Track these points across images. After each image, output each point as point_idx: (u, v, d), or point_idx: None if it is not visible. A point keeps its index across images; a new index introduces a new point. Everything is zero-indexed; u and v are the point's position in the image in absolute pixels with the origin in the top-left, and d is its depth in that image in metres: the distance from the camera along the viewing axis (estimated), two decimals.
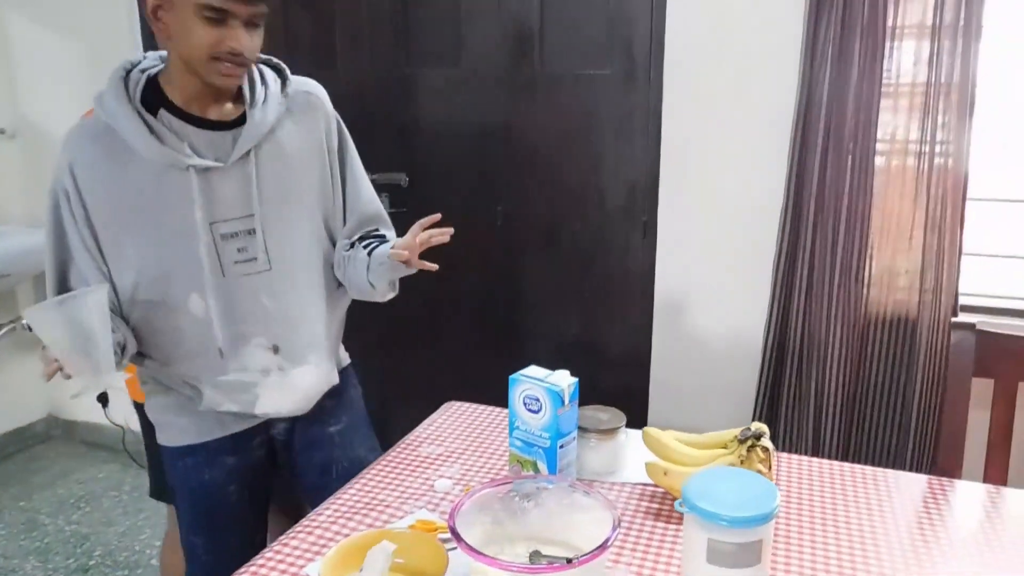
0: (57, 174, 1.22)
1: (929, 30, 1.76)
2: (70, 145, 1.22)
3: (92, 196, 1.20)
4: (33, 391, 3.18)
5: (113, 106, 1.18)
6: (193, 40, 1.12)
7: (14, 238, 2.82)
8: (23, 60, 2.88)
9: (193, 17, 1.11)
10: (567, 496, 0.98)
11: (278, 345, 1.30)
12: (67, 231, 1.22)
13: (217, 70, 1.15)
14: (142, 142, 1.17)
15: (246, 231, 1.25)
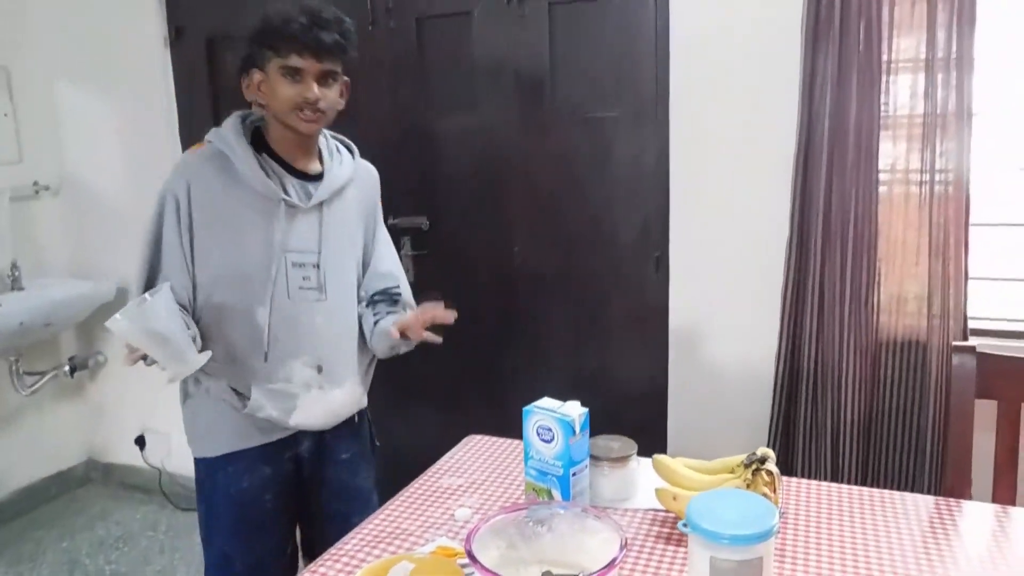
0: (171, 186, 1.43)
1: (923, 63, 1.82)
2: (190, 166, 1.45)
3: (199, 208, 1.42)
4: (73, 436, 3.29)
5: (232, 139, 1.43)
6: (279, 95, 1.39)
7: (57, 289, 2.96)
8: (68, 122, 3.06)
9: (278, 78, 1.38)
10: (578, 521, 1.03)
11: (322, 365, 1.51)
12: (166, 234, 1.42)
13: (300, 118, 1.40)
14: (251, 172, 1.41)
15: (311, 264, 1.48)
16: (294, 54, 1.36)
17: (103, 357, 3.22)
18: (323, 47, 1.37)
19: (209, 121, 2.83)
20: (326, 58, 1.39)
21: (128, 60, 2.88)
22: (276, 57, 1.37)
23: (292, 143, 1.47)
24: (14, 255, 2.89)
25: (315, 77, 1.39)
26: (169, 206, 1.43)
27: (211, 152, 1.44)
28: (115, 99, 2.96)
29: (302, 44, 1.36)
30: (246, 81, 1.43)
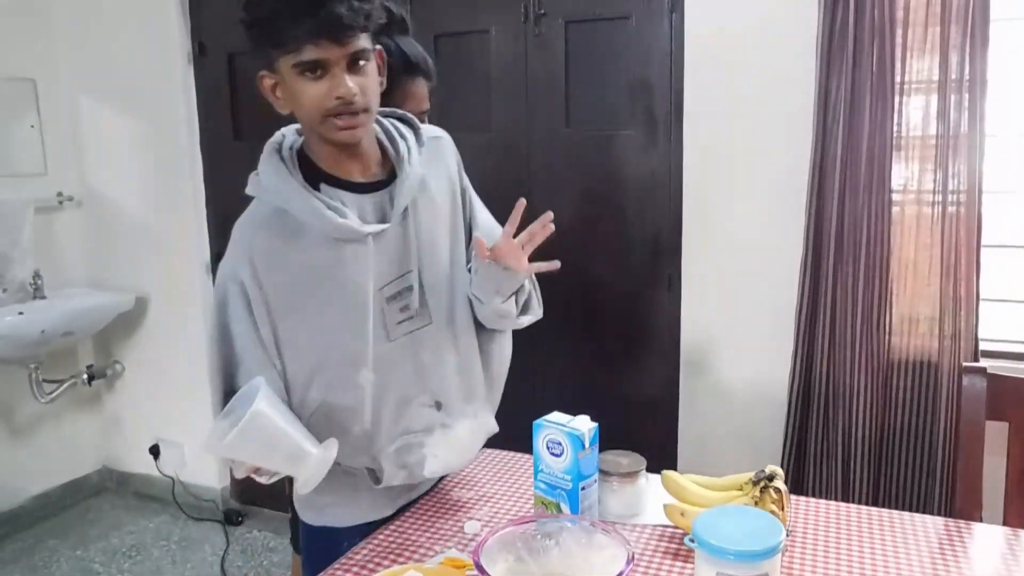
0: (230, 269, 1.16)
1: (937, 85, 1.83)
2: (244, 236, 1.16)
3: (272, 285, 1.14)
4: (89, 444, 3.33)
5: (283, 188, 1.13)
6: (303, 101, 1.08)
7: (78, 299, 3.02)
8: (92, 135, 3.13)
9: (295, 78, 1.07)
10: (586, 535, 1.04)
11: (440, 401, 1.26)
12: (237, 329, 1.16)
13: (334, 126, 1.09)
14: (321, 219, 1.12)
15: (406, 288, 1.21)
16: (307, 44, 1.04)
17: (120, 366, 3.26)
18: (342, 24, 1.03)
19: (230, 137, 2.91)
20: (349, 37, 1.05)
21: (151, 75, 2.95)
22: (284, 53, 1.06)
23: (341, 155, 1.16)
24: (37, 265, 2.95)
25: (343, 66, 1.06)
26: (233, 294, 1.15)
27: (264, 210, 1.16)
28: (138, 113, 3.02)
29: (313, 27, 1.02)
30: (260, 86, 1.15)
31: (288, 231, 1.14)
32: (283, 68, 1.08)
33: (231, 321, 1.16)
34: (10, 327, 2.72)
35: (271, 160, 1.16)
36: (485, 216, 1.36)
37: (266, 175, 1.16)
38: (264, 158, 1.18)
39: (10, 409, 3.03)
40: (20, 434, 3.07)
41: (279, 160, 1.16)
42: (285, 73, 1.08)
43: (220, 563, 2.76)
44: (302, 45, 1.04)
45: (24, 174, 2.99)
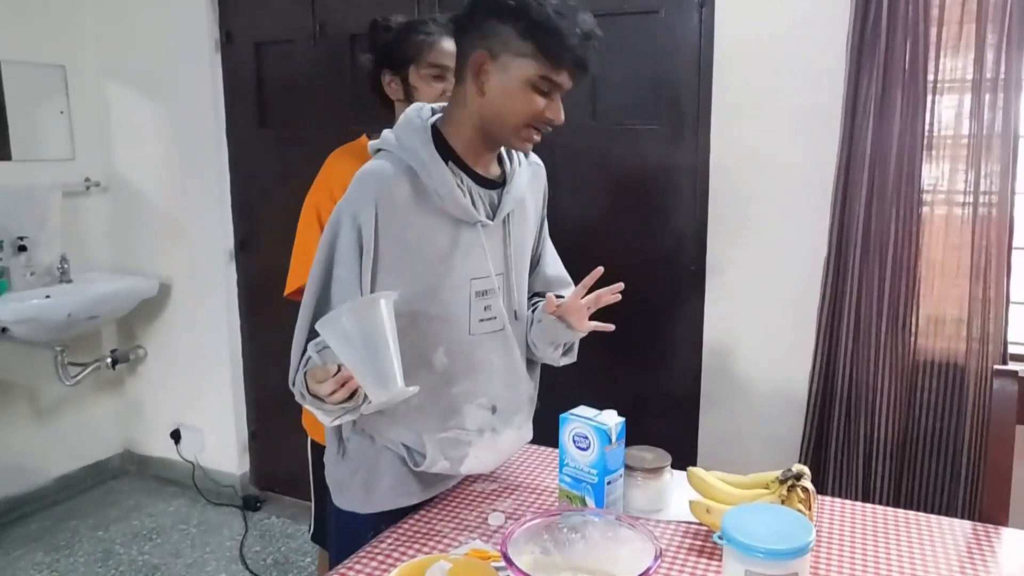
0: (349, 209, 1.16)
1: (970, 84, 1.81)
2: (374, 181, 1.17)
3: (385, 237, 1.16)
4: (111, 427, 3.38)
5: (421, 150, 1.17)
6: (518, 107, 1.13)
7: (103, 283, 3.06)
8: (118, 121, 3.16)
9: (525, 86, 1.12)
10: (612, 529, 1.04)
11: (496, 405, 1.30)
12: (339, 271, 1.17)
13: (526, 136, 1.17)
14: (447, 192, 1.16)
15: (491, 289, 1.25)
16: (565, 71, 1.12)
17: (143, 351, 3.30)
18: (589, 67, 1.13)
19: (256, 125, 2.92)
20: (584, 79, 1.16)
21: (178, 62, 2.97)
22: (535, 63, 1.10)
23: (482, 149, 1.21)
24: (63, 249, 2.99)
25: (561, 94, 1.16)
26: (347, 236, 1.16)
27: (401, 166, 1.17)
28: (165, 100, 3.04)
29: (576, 62, 1.11)
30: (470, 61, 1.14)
31: (418, 195, 1.17)
32: (517, 70, 1.12)
33: (336, 262, 1.18)
34: (37, 310, 2.76)
35: (411, 122, 1.20)
36: (551, 252, 1.44)
37: (407, 135, 1.19)
38: (404, 121, 1.21)
39: (36, 391, 3.07)
40: (44, 416, 3.12)
41: (423, 126, 1.19)
42: (514, 74, 1.12)
43: (239, 548, 2.79)
44: (562, 70, 1.11)
45: (52, 159, 3.02)
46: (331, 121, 2.77)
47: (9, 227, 2.84)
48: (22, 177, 2.89)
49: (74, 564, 2.68)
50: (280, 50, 2.84)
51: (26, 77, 2.90)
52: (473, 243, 1.21)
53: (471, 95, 1.16)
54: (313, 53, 2.75)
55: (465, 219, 1.19)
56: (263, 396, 3.17)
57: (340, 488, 1.33)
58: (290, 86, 2.84)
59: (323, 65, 2.74)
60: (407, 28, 1.67)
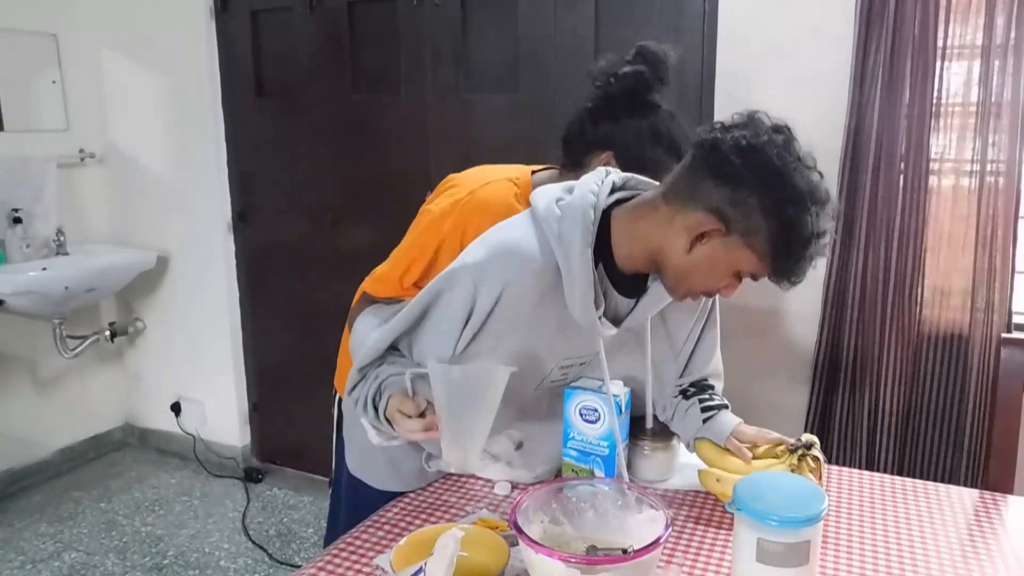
0: (480, 275, 1.05)
1: (980, 50, 1.78)
2: (512, 268, 1.04)
3: (498, 323, 1.06)
4: (112, 400, 3.38)
5: (575, 261, 1.03)
6: (709, 281, 1.04)
7: (100, 255, 3.04)
8: (112, 91, 3.11)
9: (730, 269, 1.03)
10: (621, 498, 1.04)
11: (524, 443, 1.25)
12: (438, 315, 1.09)
13: (693, 296, 1.09)
14: (582, 306, 1.04)
15: (578, 364, 1.19)
16: (778, 280, 1.03)
17: (142, 324, 3.29)
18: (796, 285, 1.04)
19: (253, 94, 2.88)
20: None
21: (173, 31, 2.92)
22: (760, 264, 1.01)
23: (640, 267, 1.08)
24: (60, 221, 2.96)
25: None
26: (462, 296, 1.06)
27: (546, 260, 1.04)
28: (160, 69, 2.99)
29: (794, 280, 1.03)
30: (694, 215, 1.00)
31: (547, 293, 1.06)
32: (737, 257, 1.00)
33: (438, 307, 1.09)
34: (34, 282, 2.74)
35: (585, 214, 1.04)
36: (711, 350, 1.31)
37: (571, 225, 1.03)
38: (578, 201, 1.05)
39: (35, 364, 3.06)
40: (45, 388, 3.12)
41: (590, 212, 1.04)
42: (732, 258, 1.01)
43: (241, 519, 2.80)
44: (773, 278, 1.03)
45: (46, 130, 2.98)
46: (329, 91, 2.73)
47: (3, 199, 2.80)
48: (15, 148, 2.85)
49: (78, 535, 2.69)
50: (277, 18, 2.79)
51: (17, 46, 2.85)
52: (587, 342, 1.11)
53: (673, 238, 1.02)
54: (311, 21, 2.70)
55: (589, 330, 1.08)
56: (264, 368, 3.16)
57: (362, 457, 1.32)
58: (287, 55, 2.79)
59: (321, 34, 2.70)
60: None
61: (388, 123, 2.64)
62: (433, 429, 1.02)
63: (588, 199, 1.05)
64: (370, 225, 2.72)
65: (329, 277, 2.84)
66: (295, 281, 2.98)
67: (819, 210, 0.98)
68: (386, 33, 2.58)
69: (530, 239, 1.05)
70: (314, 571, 1.05)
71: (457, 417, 1.00)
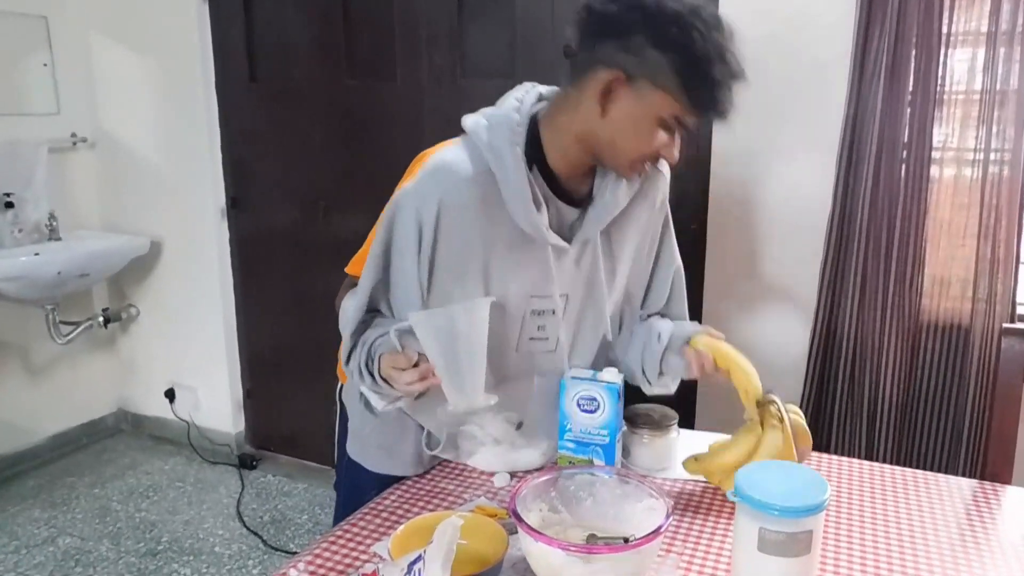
0: (413, 200, 1.08)
1: (985, 37, 1.76)
2: (444, 180, 1.08)
3: (447, 241, 1.09)
4: (105, 386, 3.36)
5: (504, 155, 1.06)
6: (640, 140, 1.04)
7: (93, 241, 3.01)
8: (103, 74, 3.07)
9: (652, 120, 1.02)
10: (620, 487, 1.03)
11: (524, 422, 1.24)
12: (397, 258, 1.12)
13: (637, 168, 1.09)
14: (523, 206, 1.06)
15: (551, 311, 1.18)
16: (701, 115, 1.03)
17: (135, 310, 3.27)
18: (727, 116, 1.04)
19: (246, 79, 2.84)
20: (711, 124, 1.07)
21: (166, 14, 2.88)
22: (676, 102, 1.00)
23: (577, 163, 1.11)
24: (51, 206, 2.93)
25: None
26: (408, 224, 1.09)
27: (477, 166, 1.08)
28: (152, 53, 2.96)
29: (720, 112, 1.02)
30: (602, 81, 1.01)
31: (488, 200, 1.08)
32: (652, 103, 1.01)
33: (394, 250, 1.12)
34: (26, 268, 2.71)
35: (506, 116, 1.08)
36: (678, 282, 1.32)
37: (494, 130, 1.08)
38: (501, 112, 1.10)
39: (28, 350, 3.04)
40: (38, 374, 3.09)
41: (515, 121, 1.08)
42: (648, 106, 1.01)
43: (236, 505, 2.79)
44: (697, 113, 1.02)
45: (37, 113, 2.94)
46: (323, 76, 2.70)
47: None
48: (6, 132, 2.81)
49: (72, 520, 2.68)
50: (270, 2, 2.75)
51: (7, 28, 2.80)
52: (540, 260, 1.12)
53: (587, 109, 1.03)
54: (304, 5, 2.67)
55: (536, 237, 1.09)
56: (258, 355, 3.15)
57: (358, 440, 1.32)
58: (281, 40, 2.75)
59: (315, 18, 2.66)
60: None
61: (383, 109, 2.62)
62: (429, 377, 1.03)
63: (511, 104, 1.10)
64: (364, 211, 2.67)
65: (323, 263, 2.81)
66: (289, 267, 2.95)
67: (705, 26, 0.97)
68: (381, 18, 2.54)
69: (460, 154, 1.09)
70: (311, 558, 1.04)
71: (451, 359, 1.01)
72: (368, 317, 1.16)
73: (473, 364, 1.02)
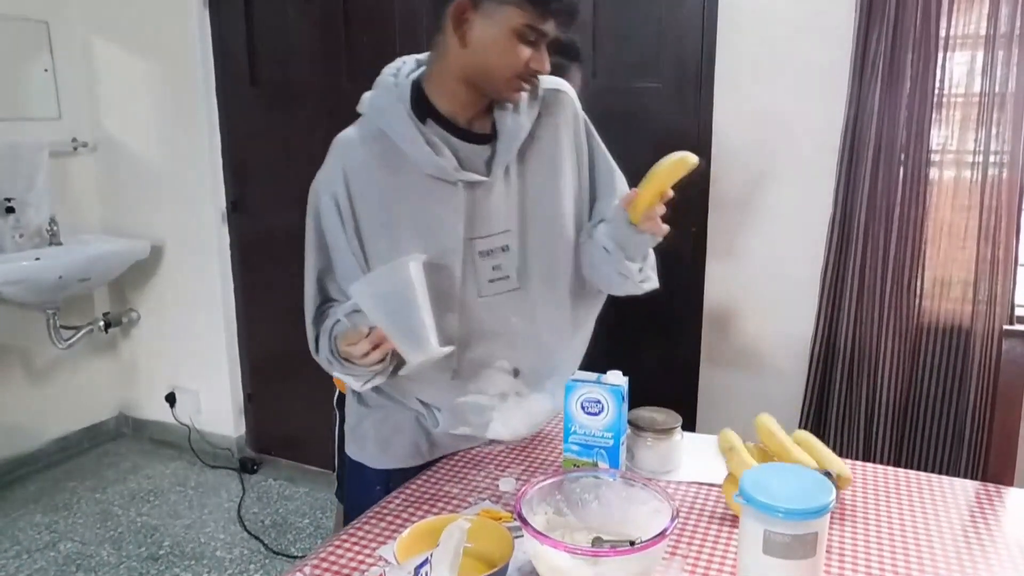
0: (324, 179, 1.18)
1: (983, 40, 1.77)
2: (342, 150, 1.17)
3: (363, 202, 1.16)
4: (106, 390, 3.36)
5: (388, 110, 1.14)
6: (504, 58, 1.08)
7: (94, 245, 3.01)
8: (105, 79, 3.07)
9: (509, 35, 1.07)
10: (625, 490, 1.03)
11: (519, 368, 1.26)
12: (329, 235, 1.18)
13: (515, 87, 1.12)
14: (418, 151, 1.12)
15: (500, 248, 1.20)
16: (551, 18, 1.07)
17: (136, 314, 3.27)
18: (575, 15, 1.09)
19: (247, 83, 2.85)
20: (569, 27, 1.11)
21: (166, 18, 2.88)
22: (520, 11, 1.05)
23: (468, 102, 1.15)
24: (52, 210, 2.93)
25: (547, 43, 1.11)
26: (326, 202, 1.17)
27: (369, 129, 1.17)
28: (152, 57, 2.96)
29: (563, 7, 1.07)
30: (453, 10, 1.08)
31: (387, 156, 1.15)
32: (502, 19, 1.06)
33: (326, 231, 1.19)
34: (27, 272, 2.71)
35: (384, 83, 1.17)
36: (615, 184, 1.31)
37: (376, 95, 1.17)
38: (379, 80, 1.18)
39: (29, 354, 3.04)
40: (39, 379, 3.09)
41: (393, 88, 1.16)
42: (499, 23, 1.07)
43: (237, 509, 2.79)
44: (547, 17, 1.06)
45: (38, 118, 2.94)
46: (324, 80, 2.70)
47: None
48: (6, 136, 2.81)
49: (73, 525, 2.68)
50: (271, 6, 2.75)
51: (8, 32, 2.81)
52: (464, 203, 1.16)
53: (452, 46, 1.10)
54: (305, 9, 2.67)
55: (442, 177, 1.14)
56: (259, 358, 3.15)
57: (356, 439, 1.33)
58: (281, 43, 2.76)
59: (316, 22, 2.67)
60: None
61: None
62: (381, 343, 1.07)
63: (389, 73, 1.18)
64: None
65: None
66: (289, 270, 2.92)
67: None
68: (381, 21, 2.55)
69: (352, 128, 1.19)
70: (317, 561, 1.04)
71: (393, 318, 1.05)
72: (326, 308, 1.21)
73: (413, 316, 1.05)
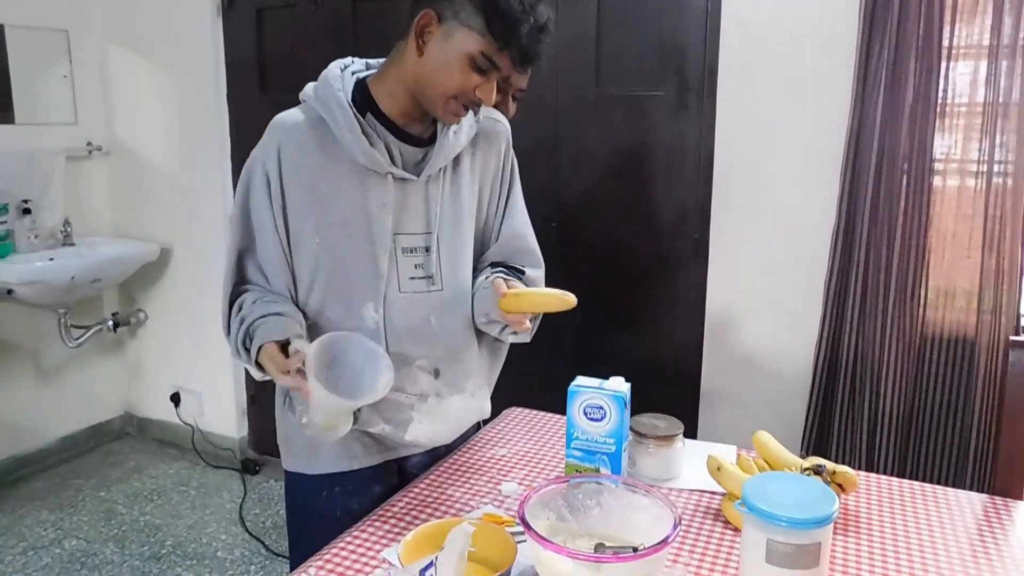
0: (259, 156, 1.19)
1: (987, 50, 1.77)
2: (280, 128, 1.18)
3: (292, 183, 1.17)
4: (112, 390, 3.38)
5: (329, 99, 1.16)
6: (450, 79, 1.10)
7: (105, 247, 3.04)
8: (120, 85, 3.12)
9: (462, 57, 1.09)
10: (627, 496, 1.03)
11: (439, 369, 1.26)
12: (256, 213, 1.20)
13: (452, 110, 1.14)
14: (353, 139, 1.15)
15: (423, 248, 1.23)
16: (508, 56, 1.09)
17: (143, 315, 3.29)
18: (533, 60, 1.11)
19: (257, 90, 2.87)
20: (526, 70, 1.15)
21: (180, 28, 2.93)
22: (480, 39, 1.08)
23: (411, 110, 1.18)
24: (66, 212, 2.97)
25: (499, 79, 1.13)
26: (257, 179, 1.18)
27: (309, 114, 1.19)
28: (167, 65, 3.00)
29: (521, 51, 1.09)
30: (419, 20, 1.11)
31: (323, 142, 1.17)
32: (460, 41, 1.09)
33: (252, 206, 1.20)
34: (41, 272, 2.75)
35: (331, 73, 1.19)
36: (519, 221, 1.36)
37: (323, 85, 1.18)
38: (325, 72, 1.20)
39: (39, 353, 3.07)
40: (48, 377, 3.12)
41: (339, 77, 1.18)
42: (457, 44, 1.09)
43: (238, 510, 2.80)
44: (505, 53, 1.09)
45: (55, 123, 2.99)
46: None
47: (14, 190, 2.82)
48: (26, 141, 2.86)
49: (78, 523, 2.69)
50: (281, 15, 2.78)
51: (30, 41, 2.86)
52: (393, 197, 1.19)
53: (409, 53, 1.14)
54: (315, 18, 2.69)
55: (374, 169, 1.17)
56: None
57: (287, 447, 1.34)
58: (291, 51, 2.78)
59: (325, 30, 2.69)
60: None
61: None
62: (303, 389, 1.08)
63: (336, 66, 1.21)
64: None
65: None
66: None
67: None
68: (390, 29, 2.55)
69: (292, 110, 1.21)
70: (321, 563, 1.05)
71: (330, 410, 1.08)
72: (242, 289, 1.24)
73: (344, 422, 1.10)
